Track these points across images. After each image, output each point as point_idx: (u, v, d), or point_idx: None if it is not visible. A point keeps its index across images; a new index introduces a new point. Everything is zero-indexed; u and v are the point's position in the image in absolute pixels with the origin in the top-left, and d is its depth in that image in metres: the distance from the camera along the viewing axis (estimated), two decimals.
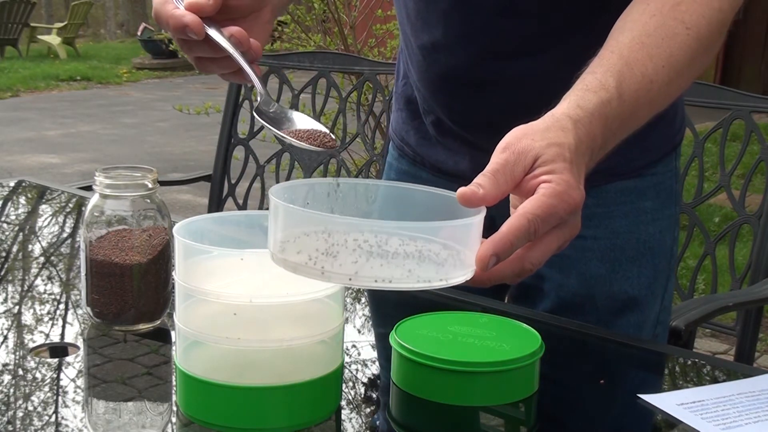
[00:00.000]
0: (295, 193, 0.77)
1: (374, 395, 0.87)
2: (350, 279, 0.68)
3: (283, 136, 0.80)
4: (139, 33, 14.20)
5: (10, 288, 1.13)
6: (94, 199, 0.97)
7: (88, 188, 1.50)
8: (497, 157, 0.75)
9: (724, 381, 0.91)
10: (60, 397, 0.83)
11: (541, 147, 0.74)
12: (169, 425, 0.80)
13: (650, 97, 0.84)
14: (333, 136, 0.80)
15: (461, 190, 0.72)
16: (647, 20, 0.86)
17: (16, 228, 1.41)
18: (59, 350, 0.94)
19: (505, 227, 0.71)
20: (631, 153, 1.11)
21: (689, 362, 0.98)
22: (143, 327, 0.98)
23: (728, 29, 0.92)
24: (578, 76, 0.83)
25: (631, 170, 1.12)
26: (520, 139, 0.76)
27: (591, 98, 0.80)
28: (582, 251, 1.12)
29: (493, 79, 1.07)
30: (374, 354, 0.98)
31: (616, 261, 1.12)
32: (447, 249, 0.71)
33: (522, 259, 0.73)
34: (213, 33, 0.84)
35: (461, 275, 0.72)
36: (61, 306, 1.07)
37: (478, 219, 0.72)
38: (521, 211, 0.72)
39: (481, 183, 0.73)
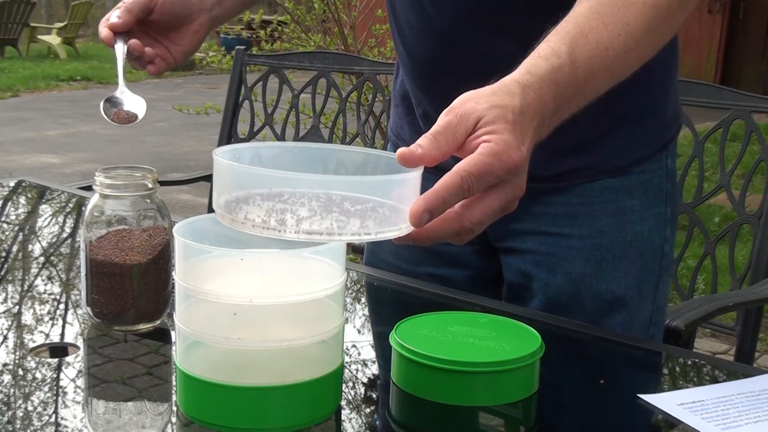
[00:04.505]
0: (241, 155, 0.79)
1: (374, 395, 0.87)
2: (279, 232, 0.70)
3: (102, 111, 1.06)
4: None
5: (10, 288, 1.13)
6: (94, 199, 0.97)
7: (88, 188, 1.50)
8: (440, 119, 0.76)
9: (724, 381, 0.91)
10: (60, 397, 0.83)
11: (484, 109, 0.75)
12: (169, 425, 0.80)
13: (606, 64, 0.85)
14: (132, 113, 1.06)
15: (400, 150, 0.73)
16: None
17: (16, 228, 1.41)
18: (59, 350, 0.94)
19: (438, 184, 0.72)
20: (616, 149, 1.11)
21: (689, 362, 0.98)
22: (143, 327, 0.98)
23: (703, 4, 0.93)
24: (535, 46, 0.84)
25: (617, 168, 1.11)
26: (464, 103, 0.77)
27: (541, 64, 0.81)
28: (567, 250, 1.12)
29: (470, 63, 1.07)
30: (374, 354, 0.98)
31: (602, 260, 1.12)
32: (379, 204, 0.72)
33: (461, 218, 0.74)
34: (117, 45, 1.09)
35: (394, 230, 0.73)
36: (61, 306, 1.07)
37: (412, 175, 0.73)
38: (456, 169, 0.73)
39: (420, 143, 0.74)
